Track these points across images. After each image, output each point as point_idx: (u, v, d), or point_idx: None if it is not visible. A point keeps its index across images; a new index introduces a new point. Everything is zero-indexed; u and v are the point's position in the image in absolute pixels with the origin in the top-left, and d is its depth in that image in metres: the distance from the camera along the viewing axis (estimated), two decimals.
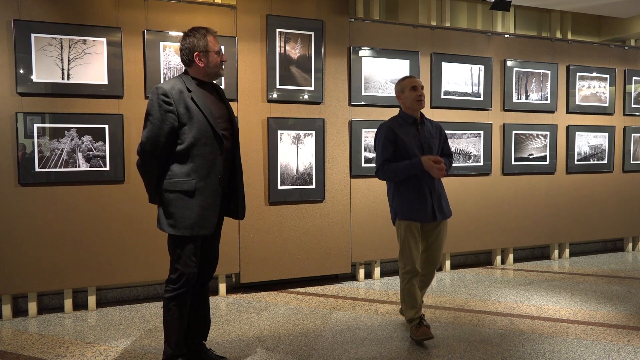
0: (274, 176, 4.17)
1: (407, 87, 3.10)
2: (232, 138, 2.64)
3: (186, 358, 2.60)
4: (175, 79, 2.51)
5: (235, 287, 4.33)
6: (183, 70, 2.62)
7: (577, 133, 5.35)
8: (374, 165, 4.45)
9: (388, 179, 3.10)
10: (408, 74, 3.08)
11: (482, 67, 4.89)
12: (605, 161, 5.52)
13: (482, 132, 4.90)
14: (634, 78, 5.63)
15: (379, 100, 4.50)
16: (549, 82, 5.19)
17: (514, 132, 5.04)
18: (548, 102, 5.21)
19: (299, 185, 4.25)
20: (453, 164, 4.78)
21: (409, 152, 3.05)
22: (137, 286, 4.05)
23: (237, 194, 2.67)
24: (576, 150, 5.36)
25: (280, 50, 4.15)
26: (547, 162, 5.22)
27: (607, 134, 5.50)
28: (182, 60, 2.56)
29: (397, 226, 3.14)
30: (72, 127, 3.60)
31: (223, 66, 2.62)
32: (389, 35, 4.56)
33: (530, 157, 5.14)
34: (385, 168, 3.04)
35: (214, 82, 2.67)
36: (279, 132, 4.17)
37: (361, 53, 4.43)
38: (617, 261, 5.36)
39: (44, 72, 3.53)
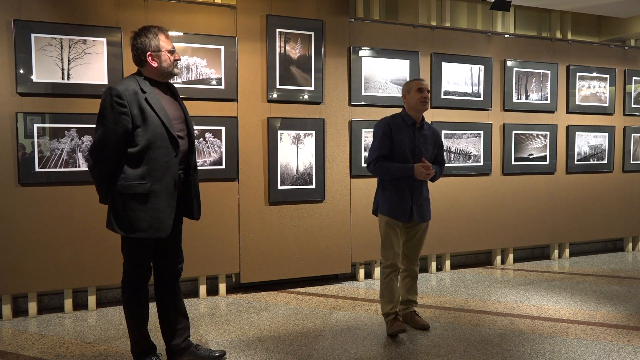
0: (274, 176, 4.17)
1: (414, 88, 3.16)
2: (188, 138, 2.61)
3: (153, 352, 2.64)
4: (129, 79, 2.45)
5: (235, 287, 4.33)
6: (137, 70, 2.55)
7: (577, 133, 5.35)
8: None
9: (377, 174, 3.21)
10: (417, 77, 3.17)
11: (482, 67, 4.89)
12: (605, 161, 5.52)
13: (482, 132, 4.90)
14: (634, 78, 5.63)
15: (379, 100, 4.50)
16: (549, 82, 5.19)
17: (514, 132, 5.04)
18: (548, 102, 5.21)
19: (299, 185, 4.25)
20: (454, 165, 4.80)
21: (400, 154, 3.14)
22: None
23: (192, 195, 2.65)
24: (576, 150, 5.36)
25: (280, 50, 4.15)
26: (547, 162, 5.22)
27: (607, 134, 5.50)
28: (134, 60, 2.49)
29: (379, 220, 3.25)
30: (72, 127, 3.60)
31: (178, 65, 2.57)
32: (389, 35, 4.56)
33: (530, 157, 5.14)
34: (378, 165, 3.14)
35: (169, 81, 2.62)
36: (279, 132, 4.17)
37: (361, 53, 4.43)
38: (617, 261, 5.36)
39: (44, 72, 3.53)
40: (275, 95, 4.16)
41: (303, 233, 4.29)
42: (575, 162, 5.37)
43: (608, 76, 5.48)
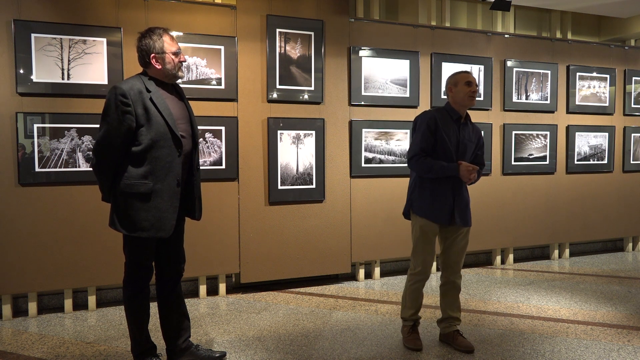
0: (274, 176, 4.17)
1: (462, 81, 2.92)
2: (192, 139, 2.61)
3: (154, 352, 2.64)
4: (135, 78, 2.45)
5: (235, 287, 4.33)
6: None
7: (577, 133, 5.35)
8: (374, 165, 4.48)
9: (419, 171, 2.93)
10: (464, 70, 2.91)
11: (482, 67, 4.89)
12: (605, 161, 5.52)
13: (482, 132, 4.89)
14: (634, 78, 5.63)
15: (379, 100, 4.50)
16: (549, 82, 5.19)
17: (514, 132, 5.04)
18: (548, 102, 5.21)
19: (299, 185, 4.25)
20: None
21: (444, 149, 2.89)
22: None
23: (194, 194, 2.65)
24: (576, 150, 5.36)
25: (280, 50, 4.15)
26: (547, 162, 5.22)
27: (607, 134, 5.50)
28: (139, 61, 2.49)
29: (413, 224, 3.01)
30: (72, 127, 3.60)
31: (182, 67, 2.57)
32: (389, 35, 4.56)
33: (530, 157, 5.14)
34: (421, 160, 2.87)
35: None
36: (279, 132, 4.17)
37: (361, 53, 4.43)
38: (617, 261, 5.36)
39: (44, 72, 3.53)
40: (275, 95, 4.16)
41: (303, 233, 4.29)
42: (575, 162, 5.37)
43: (608, 76, 5.48)
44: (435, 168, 2.85)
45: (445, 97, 4.74)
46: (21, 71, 3.48)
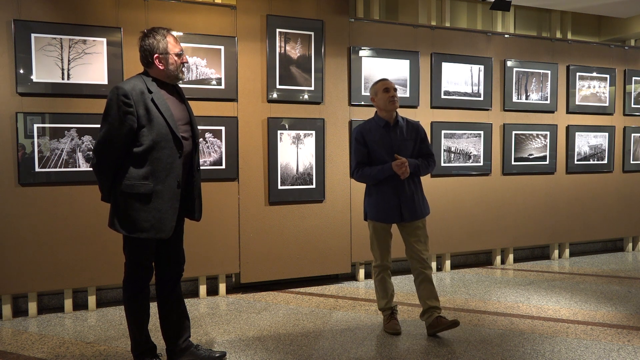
0: (274, 176, 4.17)
1: (380, 89, 3.17)
2: (192, 140, 2.61)
3: (154, 352, 2.64)
4: (136, 79, 2.44)
5: (235, 287, 4.33)
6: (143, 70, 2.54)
7: (577, 133, 5.35)
8: None
9: (363, 182, 3.25)
10: (381, 78, 3.13)
11: (482, 67, 4.89)
12: (605, 161, 5.52)
13: (482, 132, 4.90)
14: (634, 78, 5.63)
15: None
16: (549, 82, 5.19)
17: (514, 132, 5.04)
18: (548, 102, 5.21)
19: (299, 185, 4.25)
20: (454, 165, 4.79)
21: (377, 155, 3.16)
22: None
23: (194, 195, 2.65)
24: (576, 150, 5.36)
25: (280, 50, 4.15)
26: (547, 162, 5.22)
27: (607, 134, 5.50)
28: (141, 61, 2.49)
29: (368, 225, 3.31)
30: (72, 127, 3.60)
31: (184, 68, 2.56)
32: (389, 35, 4.56)
33: (530, 157, 5.14)
34: (360, 172, 3.19)
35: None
36: (279, 132, 4.17)
37: (361, 53, 4.43)
38: (617, 261, 5.36)
39: (44, 72, 3.53)
40: (275, 95, 4.16)
41: (303, 233, 4.29)
42: (575, 162, 5.37)
43: (608, 76, 5.48)
44: (374, 173, 3.15)
45: (447, 96, 4.75)
46: (21, 71, 3.48)
